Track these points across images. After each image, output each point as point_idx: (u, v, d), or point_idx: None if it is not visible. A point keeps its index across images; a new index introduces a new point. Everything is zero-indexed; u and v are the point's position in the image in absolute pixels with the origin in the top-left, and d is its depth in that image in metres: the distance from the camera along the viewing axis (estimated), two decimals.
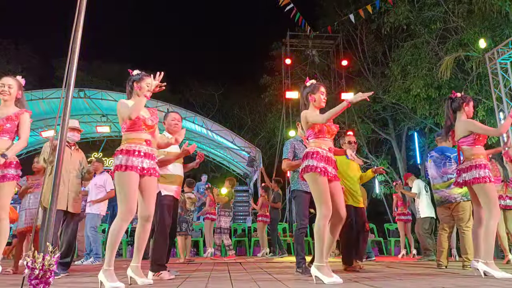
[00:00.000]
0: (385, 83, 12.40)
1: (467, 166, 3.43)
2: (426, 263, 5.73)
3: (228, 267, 4.75)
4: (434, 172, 4.77)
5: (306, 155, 3.04)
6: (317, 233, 2.88)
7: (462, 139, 3.51)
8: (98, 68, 21.32)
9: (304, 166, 3.01)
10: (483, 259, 3.22)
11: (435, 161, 4.78)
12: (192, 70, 25.23)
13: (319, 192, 2.92)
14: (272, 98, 16.16)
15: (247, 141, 14.02)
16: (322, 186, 2.92)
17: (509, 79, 8.47)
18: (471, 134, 3.45)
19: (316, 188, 2.94)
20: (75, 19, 2.49)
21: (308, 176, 2.98)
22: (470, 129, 3.45)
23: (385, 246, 10.11)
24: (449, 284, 2.63)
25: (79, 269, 4.95)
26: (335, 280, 2.71)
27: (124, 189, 2.67)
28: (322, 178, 2.93)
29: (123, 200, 2.66)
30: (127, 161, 2.70)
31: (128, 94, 3.00)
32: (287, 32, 14.53)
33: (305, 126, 3.17)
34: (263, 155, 15.46)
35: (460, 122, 3.56)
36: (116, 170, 2.70)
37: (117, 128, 14.48)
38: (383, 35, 12.29)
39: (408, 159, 14.70)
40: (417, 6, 10.91)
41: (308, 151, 3.06)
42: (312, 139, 3.12)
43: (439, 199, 4.74)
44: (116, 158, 2.73)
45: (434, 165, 4.77)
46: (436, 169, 4.74)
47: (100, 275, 2.55)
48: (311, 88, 3.23)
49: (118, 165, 2.70)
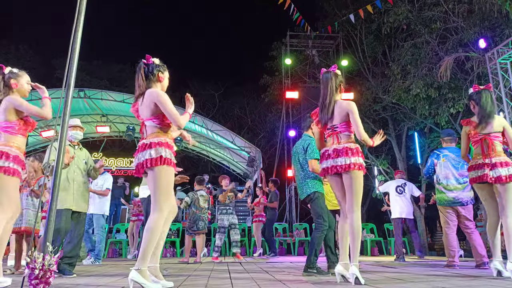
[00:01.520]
0: (385, 83, 12.38)
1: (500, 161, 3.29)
2: (427, 263, 5.73)
3: (228, 267, 4.75)
4: (449, 172, 4.75)
5: (353, 151, 2.85)
6: (358, 232, 2.80)
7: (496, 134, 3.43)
8: (98, 68, 21.32)
9: (355, 163, 2.82)
10: (510, 260, 3.08)
11: (450, 161, 4.77)
12: (192, 70, 25.28)
13: (360, 190, 2.86)
14: (272, 98, 16.15)
15: (247, 141, 14.01)
16: (362, 183, 2.88)
17: (509, 79, 8.47)
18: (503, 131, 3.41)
19: (360, 187, 2.86)
20: (75, 19, 2.49)
21: (359, 174, 2.85)
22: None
23: (385, 246, 10.11)
24: (449, 284, 2.63)
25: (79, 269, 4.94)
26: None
27: (170, 183, 2.63)
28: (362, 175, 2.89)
29: (170, 194, 2.62)
30: (171, 155, 2.63)
31: (148, 81, 2.77)
32: (287, 32, 14.53)
33: (343, 116, 2.94)
34: (263, 155, 15.45)
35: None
36: (165, 163, 2.57)
37: (117, 128, 14.49)
38: (383, 35, 12.27)
39: (408, 159, 14.67)
40: (417, 6, 10.90)
41: (355, 147, 2.88)
42: (348, 133, 2.95)
43: (451, 200, 4.73)
44: (163, 150, 2.58)
45: (451, 165, 4.75)
46: (452, 170, 4.74)
47: (135, 275, 2.40)
48: (341, 78, 3.17)
49: (168, 159, 2.58)
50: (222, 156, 16.05)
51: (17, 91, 3.07)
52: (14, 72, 3.11)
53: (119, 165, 15.23)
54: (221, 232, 6.94)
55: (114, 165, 15.15)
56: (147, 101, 2.67)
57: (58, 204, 3.73)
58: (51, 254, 2.11)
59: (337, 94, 3.07)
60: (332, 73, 3.12)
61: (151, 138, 2.63)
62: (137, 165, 2.63)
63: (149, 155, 2.56)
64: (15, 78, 3.08)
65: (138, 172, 2.67)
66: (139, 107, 2.75)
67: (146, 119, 2.70)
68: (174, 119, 2.62)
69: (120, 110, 13.13)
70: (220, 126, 13.67)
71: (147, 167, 2.57)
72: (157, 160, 2.54)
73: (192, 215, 6.47)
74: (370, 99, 13.06)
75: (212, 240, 9.28)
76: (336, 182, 2.99)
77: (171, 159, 2.61)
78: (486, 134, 3.35)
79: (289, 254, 9.84)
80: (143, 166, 2.59)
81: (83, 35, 2.52)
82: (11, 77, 3.07)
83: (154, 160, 2.54)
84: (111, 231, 9.96)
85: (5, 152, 2.89)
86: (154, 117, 2.66)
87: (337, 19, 12.92)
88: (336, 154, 2.88)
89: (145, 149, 2.59)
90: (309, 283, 2.84)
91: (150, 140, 2.62)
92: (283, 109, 13.86)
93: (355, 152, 2.85)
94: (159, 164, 2.55)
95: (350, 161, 2.82)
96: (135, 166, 2.66)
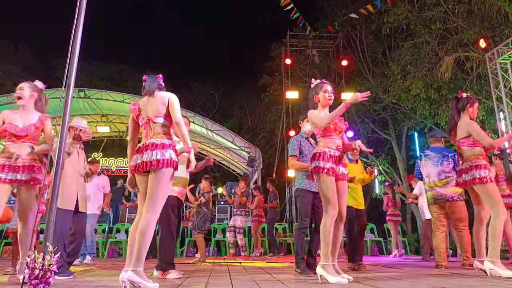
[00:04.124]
0: (385, 83, 12.39)
1: (467, 166, 3.45)
2: (426, 263, 5.73)
3: (228, 267, 4.75)
4: (430, 170, 4.78)
5: (314, 156, 3.08)
6: (323, 232, 2.92)
7: (462, 140, 3.53)
8: (98, 68, 21.32)
9: (312, 167, 3.04)
10: (489, 257, 3.21)
11: (431, 160, 4.80)
12: (192, 70, 25.26)
13: (326, 193, 2.96)
14: (272, 98, 16.15)
15: (247, 141, 14.01)
16: (330, 186, 2.97)
17: (509, 79, 8.47)
18: (471, 136, 3.46)
19: (324, 188, 2.98)
20: (75, 19, 2.50)
21: (316, 177, 3.03)
22: (469, 131, 3.47)
23: (385, 246, 10.10)
24: (449, 284, 2.63)
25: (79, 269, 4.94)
26: (339, 280, 2.72)
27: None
28: (329, 178, 2.98)
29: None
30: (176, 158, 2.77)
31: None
32: (287, 32, 14.52)
33: (312, 126, 3.22)
34: (263, 155, 15.45)
35: (462, 123, 3.58)
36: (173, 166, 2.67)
37: (117, 128, 14.49)
38: (383, 35, 12.28)
39: (408, 159, 14.69)
40: (417, 6, 10.90)
41: (316, 151, 3.09)
42: (319, 138, 3.14)
43: (434, 197, 4.74)
44: (173, 153, 2.70)
45: (431, 163, 4.78)
46: (432, 167, 4.76)
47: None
48: (315, 89, 3.28)
49: (175, 162, 2.70)
50: (222, 156, 16.04)
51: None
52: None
53: (119, 165, 15.22)
54: (231, 230, 7.39)
55: (114, 165, 15.14)
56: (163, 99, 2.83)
57: (66, 205, 3.76)
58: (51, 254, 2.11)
59: (313, 106, 3.29)
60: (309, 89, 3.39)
61: (160, 138, 2.67)
62: (143, 163, 2.60)
63: (161, 155, 2.59)
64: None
65: (137, 170, 2.64)
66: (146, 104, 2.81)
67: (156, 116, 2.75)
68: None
69: (120, 110, 13.12)
70: (220, 126, 13.67)
71: (156, 167, 2.57)
72: (168, 162, 2.60)
73: (203, 215, 6.67)
74: (370, 99, 13.01)
75: (213, 240, 9.31)
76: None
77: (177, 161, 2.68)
78: (459, 141, 3.59)
79: (289, 254, 9.84)
80: (148, 165, 2.58)
81: (83, 35, 2.53)
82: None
83: (167, 161, 2.59)
84: (111, 231, 9.96)
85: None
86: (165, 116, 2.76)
87: (337, 19, 12.92)
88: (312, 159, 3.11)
89: (156, 149, 2.61)
90: (309, 283, 2.85)
91: (160, 140, 2.65)
92: (283, 109, 13.85)
93: (317, 157, 3.06)
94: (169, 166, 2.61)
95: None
96: (140, 164, 2.61)
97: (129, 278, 2.39)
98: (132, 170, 2.70)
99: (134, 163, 2.65)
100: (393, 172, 14.30)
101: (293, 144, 3.99)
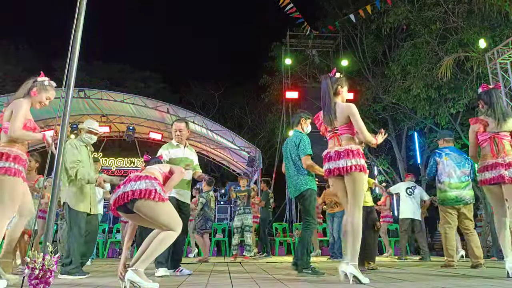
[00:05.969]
0: (385, 83, 12.38)
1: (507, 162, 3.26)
2: (426, 263, 5.73)
3: (228, 267, 4.75)
4: (452, 171, 4.76)
5: (353, 153, 2.90)
6: (357, 232, 2.83)
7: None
8: (98, 68, 21.32)
9: (356, 164, 2.86)
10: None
11: (453, 160, 4.80)
12: (192, 70, 25.27)
13: (361, 191, 2.90)
14: (272, 98, 16.13)
15: (247, 141, 14.00)
16: (363, 186, 2.93)
17: (509, 79, 8.47)
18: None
19: (361, 188, 2.89)
20: (75, 19, 2.50)
21: (359, 175, 2.88)
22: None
23: (385, 246, 10.09)
24: (449, 284, 2.63)
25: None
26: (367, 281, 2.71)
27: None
28: (365, 177, 2.95)
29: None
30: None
31: None
32: (287, 32, 14.52)
33: (343, 119, 2.99)
34: (263, 155, 15.44)
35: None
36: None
37: (117, 128, 14.49)
38: (383, 35, 12.26)
39: (408, 159, 14.68)
40: (417, 6, 10.89)
41: (355, 149, 2.92)
42: (349, 135, 3.01)
43: (454, 198, 4.72)
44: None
45: (453, 164, 4.78)
46: (455, 168, 4.76)
47: (131, 275, 2.43)
48: (340, 82, 3.14)
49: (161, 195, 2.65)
50: (222, 156, 16.03)
51: (32, 100, 3.14)
52: (42, 83, 3.18)
53: (119, 165, 15.22)
54: (238, 232, 6.91)
55: (114, 165, 15.14)
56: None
57: (80, 207, 3.76)
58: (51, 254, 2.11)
59: (335, 97, 3.10)
60: (328, 77, 3.16)
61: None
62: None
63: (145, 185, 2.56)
64: (39, 87, 3.14)
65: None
66: None
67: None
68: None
69: (120, 110, 13.13)
70: (220, 126, 13.66)
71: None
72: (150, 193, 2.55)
73: (204, 215, 6.71)
74: (370, 99, 13.05)
75: (213, 240, 9.30)
76: (338, 184, 3.01)
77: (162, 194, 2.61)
78: (495, 133, 3.31)
79: (289, 254, 9.83)
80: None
81: (83, 35, 2.52)
82: (36, 86, 3.15)
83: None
84: (111, 231, 9.96)
85: (5, 152, 2.90)
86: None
87: (338, 18, 12.91)
88: (338, 156, 2.92)
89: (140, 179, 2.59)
90: (308, 283, 2.85)
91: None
92: (283, 109, 13.84)
93: (355, 154, 2.89)
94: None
95: (352, 163, 2.86)
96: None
97: (129, 278, 2.39)
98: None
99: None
100: (393, 172, 14.29)
101: (307, 142, 3.85)
